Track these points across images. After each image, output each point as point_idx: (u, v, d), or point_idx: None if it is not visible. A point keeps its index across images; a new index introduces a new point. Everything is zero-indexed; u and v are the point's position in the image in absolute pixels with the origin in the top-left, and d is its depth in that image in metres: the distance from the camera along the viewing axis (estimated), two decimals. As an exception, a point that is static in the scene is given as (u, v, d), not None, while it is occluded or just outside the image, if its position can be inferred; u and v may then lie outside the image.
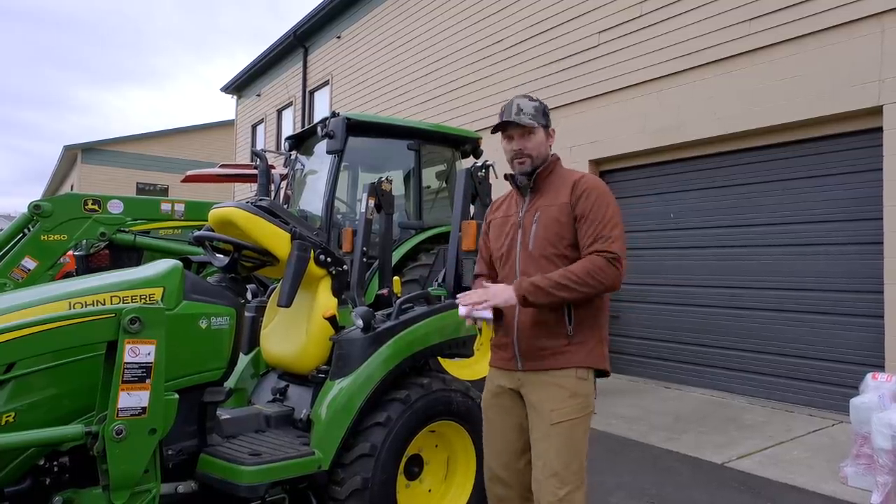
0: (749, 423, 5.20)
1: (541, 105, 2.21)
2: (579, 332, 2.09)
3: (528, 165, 2.18)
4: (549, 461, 2.02)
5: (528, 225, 2.17)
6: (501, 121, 2.17)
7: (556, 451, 2.02)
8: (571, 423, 2.04)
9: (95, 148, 25.12)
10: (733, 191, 6.34)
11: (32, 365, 1.96)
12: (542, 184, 2.21)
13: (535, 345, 2.10)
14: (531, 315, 2.10)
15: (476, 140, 6.12)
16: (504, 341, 2.19)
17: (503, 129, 2.19)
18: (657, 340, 7.01)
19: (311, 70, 14.97)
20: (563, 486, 2.00)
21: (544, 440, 2.05)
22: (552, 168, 2.22)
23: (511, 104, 2.19)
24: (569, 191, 2.13)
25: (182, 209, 6.39)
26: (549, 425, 2.04)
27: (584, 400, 2.07)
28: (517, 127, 2.16)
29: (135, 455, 1.91)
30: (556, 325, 2.08)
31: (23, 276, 5.45)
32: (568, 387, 2.06)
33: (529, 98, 2.22)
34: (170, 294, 2.22)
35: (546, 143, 2.21)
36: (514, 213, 2.25)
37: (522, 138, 2.17)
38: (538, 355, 2.10)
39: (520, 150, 2.17)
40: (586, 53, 7.60)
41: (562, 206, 2.12)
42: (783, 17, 5.72)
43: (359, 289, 3.33)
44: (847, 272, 5.47)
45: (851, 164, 5.48)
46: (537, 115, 2.18)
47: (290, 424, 2.73)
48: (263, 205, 2.59)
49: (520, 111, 2.16)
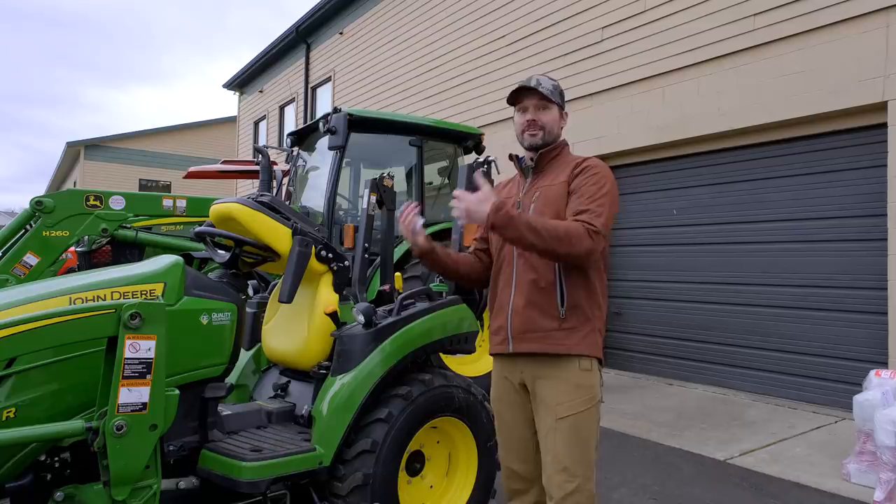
0: (752, 420, 5.19)
1: (558, 85, 2.20)
2: (571, 317, 2.06)
3: (539, 138, 2.16)
4: (557, 455, 2.01)
5: (527, 205, 2.15)
6: (518, 86, 2.15)
7: (563, 444, 2.01)
8: (578, 415, 2.02)
9: (98, 144, 25.16)
10: (737, 187, 6.32)
11: (33, 360, 1.96)
12: (545, 165, 2.19)
13: (526, 325, 2.08)
14: (525, 296, 2.09)
15: (478, 136, 6.11)
16: (498, 324, 2.18)
17: (519, 96, 2.15)
18: (660, 337, 7.00)
19: (314, 66, 14.95)
20: (572, 480, 1.99)
21: (551, 434, 2.04)
22: (559, 150, 2.20)
23: (530, 78, 2.17)
24: (569, 171, 2.12)
25: (184, 205, 6.39)
26: (556, 419, 2.03)
27: (589, 391, 2.05)
28: (534, 96, 2.14)
29: (135, 451, 1.90)
30: (548, 307, 2.06)
31: (25, 272, 5.46)
32: (572, 380, 2.04)
33: (548, 77, 2.21)
34: (171, 290, 2.21)
35: (559, 123, 2.20)
36: (516, 194, 2.24)
37: (538, 110, 2.15)
38: (527, 337, 2.08)
39: (533, 120, 2.15)
40: (590, 49, 7.57)
41: (560, 185, 2.11)
42: (788, 12, 5.68)
43: (360, 285, 3.32)
44: (851, 269, 5.44)
45: (856, 160, 5.45)
46: (554, 93, 2.16)
47: (292, 420, 2.72)
48: (265, 200, 2.58)
49: (538, 83, 2.14)
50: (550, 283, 2.06)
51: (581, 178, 2.08)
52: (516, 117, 2.20)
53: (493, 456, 2.75)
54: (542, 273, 2.07)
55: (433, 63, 10.47)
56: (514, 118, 2.21)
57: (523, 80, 2.19)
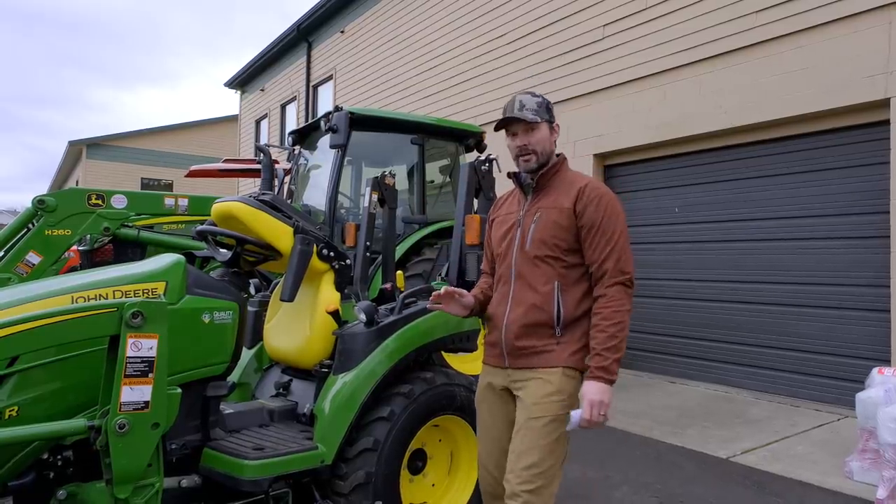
0: (754, 418, 5.18)
1: (544, 101, 2.19)
2: (567, 334, 2.08)
3: (533, 162, 2.16)
4: (521, 453, 2.00)
5: (527, 225, 2.16)
6: (503, 117, 2.15)
7: (530, 444, 2.00)
8: (551, 419, 2.02)
9: (100, 143, 25.18)
10: (738, 185, 6.31)
11: (36, 359, 1.96)
12: (545, 184, 2.19)
13: (522, 343, 2.10)
14: (520, 314, 2.11)
15: (480, 134, 6.11)
16: (494, 339, 2.20)
17: (506, 125, 2.17)
18: (662, 335, 6.99)
19: (315, 65, 14.95)
20: (532, 482, 1.96)
21: (521, 432, 2.04)
22: (557, 169, 2.20)
23: (513, 101, 2.17)
24: (573, 196, 2.10)
25: (185, 204, 6.41)
26: (529, 418, 2.03)
27: (568, 399, 2.05)
28: (520, 123, 2.14)
29: (138, 449, 1.90)
30: (545, 327, 2.09)
31: (27, 270, 5.47)
32: (554, 383, 2.05)
33: (532, 94, 2.19)
34: (172, 289, 2.22)
35: (550, 139, 2.19)
36: (516, 212, 2.24)
37: (526, 134, 2.14)
38: (523, 353, 2.10)
39: (524, 145, 2.15)
40: (591, 47, 7.56)
41: (563, 211, 2.10)
42: (789, 9, 5.67)
43: (362, 283, 3.31)
44: (853, 266, 5.44)
45: (858, 157, 5.44)
46: (540, 111, 2.15)
47: (294, 419, 2.73)
48: (266, 199, 2.58)
49: (522, 107, 2.13)
50: (548, 303, 2.08)
51: (592, 213, 2.07)
52: (508, 142, 2.20)
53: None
54: (541, 292, 2.09)
55: (434, 61, 10.46)
56: (507, 143, 2.21)
57: (507, 103, 2.18)
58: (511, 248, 2.19)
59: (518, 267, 2.15)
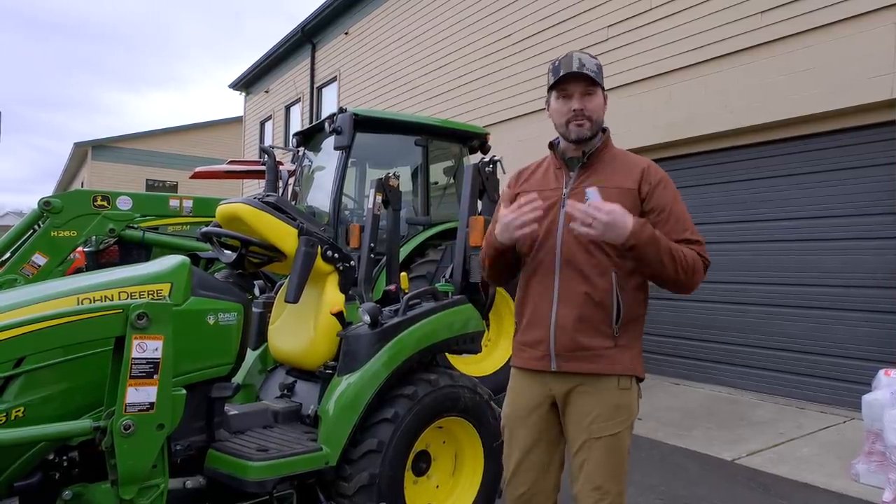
0: (759, 420, 5.16)
1: (600, 64, 1.95)
2: (625, 335, 1.91)
3: (587, 129, 1.91)
4: (590, 474, 1.88)
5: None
6: (565, 73, 1.88)
7: (596, 464, 1.88)
8: (614, 436, 1.88)
9: (105, 145, 25.30)
10: (745, 185, 6.29)
11: (42, 360, 1.97)
12: (596, 160, 1.96)
13: (576, 343, 1.88)
14: (575, 310, 1.88)
15: (484, 135, 6.11)
16: (536, 338, 1.94)
17: (563, 82, 1.90)
18: (666, 336, 6.97)
19: (319, 66, 14.97)
20: (603, 498, 1.87)
21: (584, 452, 1.89)
22: (607, 143, 1.99)
23: (570, 57, 1.90)
24: (636, 177, 1.91)
25: (190, 205, 6.42)
26: (591, 438, 1.88)
27: (626, 411, 1.91)
28: (580, 82, 1.89)
29: (143, 450, 1.91)
30: (602, 324, 1.87)
31: (33, 272, 5.49)
32: (610, 400, 1.89)
33: (589, 54, 1.94)
34: (177, 290, 2.22)
35: (604, 109, 1.95)
36: (557, 189, 1.97)
37: (584, 97, 1.90)
38: (577, 356, 1.89)
39: (581, 109, 1.89)
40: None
41: (625, 192, 1.88)
42: (795, 9, 5.65)
43: (366, 285, 3.32)
44: (860, 267, 5.41)
45: (864, 158, 5.40)
46: (599, 74, 1.91)
47: (298, 420, 2.73)
48: (270, 201, 2.59)
49: (582, 65, 1.88)
50: (606, 296, 1.87)
51: (661, 195, 1.92)
52: (556, 104, 1.94)
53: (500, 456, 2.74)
54: (598, 284, 1.87)
55: (438, 63, 10.47)
56: (552, 103, 1.96)
57: (561, 60, 1.91)
58: (554, 229, 1.93)
59: (566, 254, 1.90)
